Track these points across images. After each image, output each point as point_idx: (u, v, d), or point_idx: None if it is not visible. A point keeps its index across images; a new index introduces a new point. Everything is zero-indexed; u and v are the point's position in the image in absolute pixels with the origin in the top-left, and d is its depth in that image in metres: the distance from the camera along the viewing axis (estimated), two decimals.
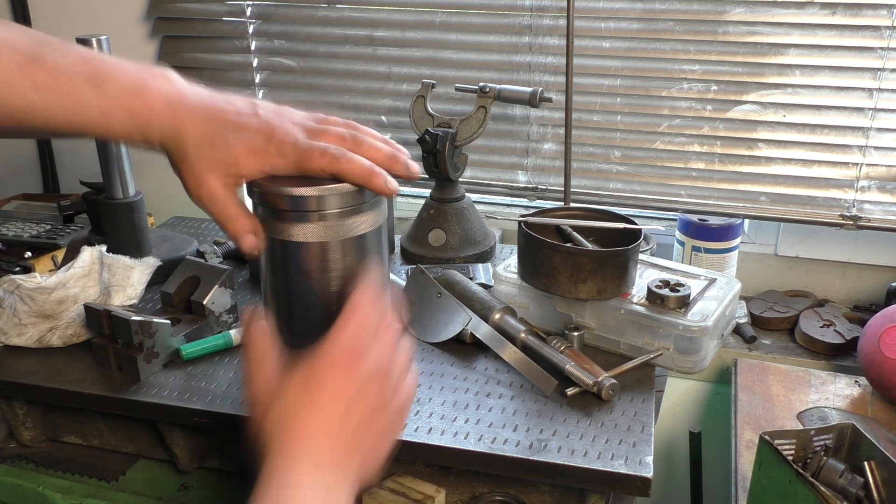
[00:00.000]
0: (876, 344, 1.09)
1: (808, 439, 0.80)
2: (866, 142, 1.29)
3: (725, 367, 1.37)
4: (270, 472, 0.58)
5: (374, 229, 0.72)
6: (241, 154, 0.65)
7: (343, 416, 0.61)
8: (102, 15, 1.60)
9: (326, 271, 0.71)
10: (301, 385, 0.61)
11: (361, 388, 0.62)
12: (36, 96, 0.63)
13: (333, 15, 1.47)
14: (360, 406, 0.62)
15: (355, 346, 0.63)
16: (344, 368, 0.62)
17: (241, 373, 0.91)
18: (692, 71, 1.32)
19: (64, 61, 0.64)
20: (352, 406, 0.61)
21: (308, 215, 0.68)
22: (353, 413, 0.61)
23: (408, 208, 1.62)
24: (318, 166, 0.66)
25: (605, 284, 0.90)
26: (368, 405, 0.63)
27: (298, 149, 0.66)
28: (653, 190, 1.42)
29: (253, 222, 0.67)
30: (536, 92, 1.22)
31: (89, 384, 0.89)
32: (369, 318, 0.65)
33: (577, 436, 0.79)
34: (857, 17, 1.23)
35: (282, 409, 0.60)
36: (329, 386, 0.61)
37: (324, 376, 0.61)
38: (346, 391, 0.61)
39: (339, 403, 0.61)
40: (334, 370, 0.61)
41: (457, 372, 0.91)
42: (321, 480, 0.58)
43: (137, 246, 1.13)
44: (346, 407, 0.61)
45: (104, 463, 0.95)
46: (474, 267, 1.19)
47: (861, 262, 1.41)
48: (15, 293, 0.94)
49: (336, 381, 0.61)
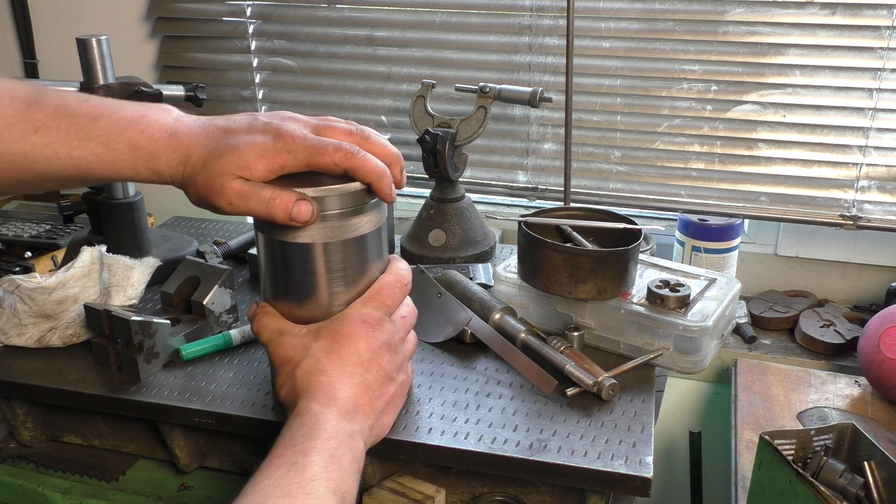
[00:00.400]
0: (876, 344, 1.09)
1: (808, 439, 0.80)
2: (866, 142, 1.29)
3: (725, 367, 1.37)
4: (303, 410, 0.65)
5: (374, 230, 0.73)
6: (251, 156, 0.65)
7: (364, 373, 0.69)
8: (102, 15, 1.60)
9: (327, 272, 0.71)
10: (328, 345, 0.69)
11: (377, 353, 0.70)
12: (36, 137, 0.64)
13: (333, 15, 1.47)
14: (376, 368, 0.70)
15: (374, 317, 0.71)
16: (364, 334, 0.70)
17: (243, 371, 0.91)
18: (692, 71, 1.32)
19: (62, 103, 0.66)
20: (369, 367, 0.69)
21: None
22: (371, 372, 0.69)
23: (408, 208, 1.62)
24: (331, 161, 0.67)
25: (605, 284, 0.90)
26: (381, 370, 0.70)
27: (308, 144, 0.66)
28: (653, 190, 1.42)
29: (293, 192, 0.66)
30: (536, 92, 1.22)
31: (89, 384, 0.89)
32: (390, 298, 0.73)
33: (577, 436, 0.79)
34: (857, 17, 1.23)
35: (313, 364, 0.68)
36: (352, 347, 0.69)
37: (345, 339, 0.69)
38: (364, 353, 0.69)
39: (360, 362, 0.69)
40: (355, 335, 0.69)
41: (457, 372, 0.91)
42: (343, 427, 0.65)
43: (137, 246, 1.13)
44: (365, 368, 0.69)
45: (104, 463, 0.95)
46: (474, 267, 1.19)
47: (861, 262, 1.41)
48: (15, 293, 0.94)
49: (357, 344, 0.69)
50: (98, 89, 1.05)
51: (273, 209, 0.65)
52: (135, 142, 0.66)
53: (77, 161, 0.65)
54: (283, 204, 0.65)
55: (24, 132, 0.64)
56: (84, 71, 1.05)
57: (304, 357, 0.69)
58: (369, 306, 0.71)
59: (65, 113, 0.65)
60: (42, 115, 0.65)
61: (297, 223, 0.66)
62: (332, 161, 0.67)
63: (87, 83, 1.06)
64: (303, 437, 0.62)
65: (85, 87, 1.06)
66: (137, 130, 0.66)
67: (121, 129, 0.66)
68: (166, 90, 1.11)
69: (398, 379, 0.73)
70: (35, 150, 0.64)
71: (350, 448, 0.63)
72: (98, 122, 0.65)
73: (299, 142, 0.66)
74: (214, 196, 0.66)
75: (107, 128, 0.65)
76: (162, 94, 1.08)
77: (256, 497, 0.57)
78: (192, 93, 1.16)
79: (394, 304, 0.73)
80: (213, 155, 0.65)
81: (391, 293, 0.73)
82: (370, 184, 0.69)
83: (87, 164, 0.66)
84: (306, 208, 0.66)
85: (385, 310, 0.72)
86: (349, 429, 0.65)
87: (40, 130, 0.64)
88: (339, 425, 0.64)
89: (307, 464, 0.59)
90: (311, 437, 0.62)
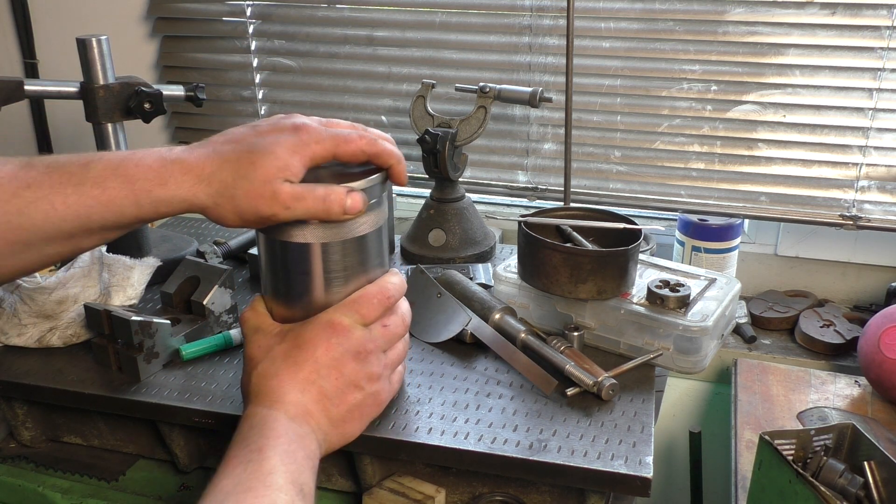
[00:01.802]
0: (876, 344, 1.09)
1: (808, 439, 0.80)
2: (866, 142, 1.29)
3: (725, 367, 1.37)
4: (252, 414, 0.65)
5: (374, 230, 0.73)
6: (285, 154, 0.65)
7: (318, 380, 0.68)
8: (102, 15, 1.60)
9: (327, 272, 0.71)
10: (286, 350, 0.69)
11: (338, 361, 0.69)
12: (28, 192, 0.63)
13: (333, 15, 1.47)
14: (335, 375, 0.69)
15: (341, 323, 0.69)
16: (325, 340, 0.69)
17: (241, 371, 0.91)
18: (692, 71, 1.32)
19: (53, 160, 0.65)
20: (326, 374, 0.68)
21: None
22: (327, 380, 0.68)
23: (408, 208, 1.62)
24: (357, 147, 0.68)
25: (605, 284, 0.90)
26: (342, 378, 0.69)
27: (333, 133, 0.67)
28: (653, 190, 1.42)
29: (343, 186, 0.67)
30: (536, 92, 1.22)
31: (89, 384, 0.89)
32: (365, 308, 0.71)
33: (577, 436, 0.79)
34: (857, 17, 1.23)
35: (269, 366, 0.68)
36: (309, 353, 0.68)
37: (305, 344, 0.69)
38: (323, 359, 0.68)
39: (316, 369, 0.68)
40: (315, 341, 0.69)
41: (457, 372, 0.91)
42: (293, 427, 0.65)
43: (137, 246, 1.13)
44: (320, 374, 0.68)
45: (104, 463, 0.95)
46: (474, 267, 1.19)
47: (861, 262, 1.41)
48: (15, 293, 0.94)
49: (315, 350, 0.68)
50: (98, 89, 1.05)
51: (330, 205, 0.66)
52: (130, 175, 0.64)
53: (75, 209, 0.64)
54: (338, 198, 0.66)
55: (17, 188, 0.63)
56: (84, 71, 1.05)
57: (262, 359, 0.69)
58: (339, 312, 0.70)
59: (56, 166, 0.64)
60: (34, 172, 0.64)
61: (350, 216, 0.67)
62: (359, 147, 0.68)
63: (87, 83, 1.06)
64: (255, 436, 0.62)
65: (85, 87, 1.06)
66: (131, 165, 0.64)
67: (113, 167, 0.64)
68: (166, 90, 1.11)
69: (368, 388, 0.71)
70: (29, 206, 0.63)
71: (302, 446, 0.64)
72: (90, 167, 0.64)
73: (322, 132, 0.66)
74: (266, 204, 0.64)
75: (99, 169, 0.64)
76: (162, 94, 1.08)
77: (218, 497, 0.57)
78: (192, 93, 1.16)
79: (369, 313, 0.71)
80: (244, 164, 0.64)
81: (368, 303, 0.71)
82: (391, 167, 0.70)
83: (86, 210, 0.64)
84: (359, 198, 0.67)
85: (357, 318, 0.70)
86: (299, 430, 0.65)
87: (32, 186, 0.63)
88: (289, 426, 0.64)
89: (263, 459, 0.60)
90: (263, 435, 0.62)
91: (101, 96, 1.05)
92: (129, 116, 1.08)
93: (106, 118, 1.07)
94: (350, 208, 0.66)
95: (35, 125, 1.73)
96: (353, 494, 0.88)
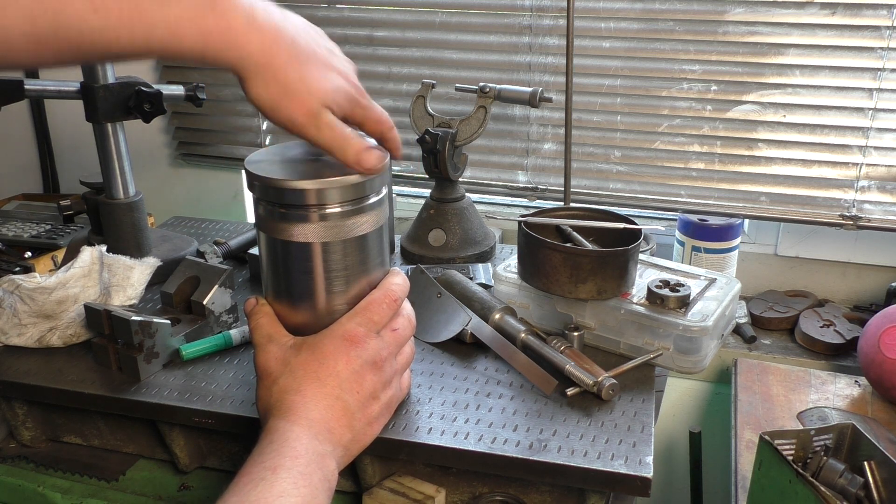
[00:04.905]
0: (876, 344, 1.09)
1: (808, 439, 0.80)
2: (866, 142, 1.29)
3: (725, 367, 1.37)
4: (272, 429, 0.64)
5: (374, 229, 0.73)
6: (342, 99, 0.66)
7: (342, 395, 0.67)
8: None
9: (328, 272, 0.71)
10: (306, 362, 0.68)
11: (358, 374, 0.68)
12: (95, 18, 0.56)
13: (333, 15, 1.47)
14: (356, 389, 0.68)
15: (357, 334, 0.69)
16: (345, 353, 0.68)
17: (243, 371, 0.91)
18: (692, 71, 1.32)
19: None
20: (348, 388, 0.67)
21: (309, 215, 0.68)
22: (350, 394, 0.68)
23: (408, 208, 1.62)
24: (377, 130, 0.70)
25: (605, 284, 0.90)
26: (363, 391, 0.69)
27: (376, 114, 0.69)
28: (653, 190, 1.42)
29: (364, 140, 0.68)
30: (536, 92, 1.22)
31: (89, 384, 0.89)
32: (377, 314, 0.71)
33: (577, 436, 0.79)
34: (857, 17, 1.23)
35: (290, 381, 0.67)
36: (331, 367, 0.67)
37: (326, 359, 0.68)
38: (344, 373, 0.67)
39: (338, 383, 0.67)
40: (336, 354, 0.68)
41: (457, 372, 0.91)
42: (314, 446, 0.63)
43: (137, 246, 1.13)
44: (343, 388, 0.67)
45: (104, 463, 0.95)
46: (474, 267, 1.19)
47: (861, 262, 1.41)
48: (15, 293, 0.94)
49: (337, 364, 0.68)
50: (98, 89, 1.05)
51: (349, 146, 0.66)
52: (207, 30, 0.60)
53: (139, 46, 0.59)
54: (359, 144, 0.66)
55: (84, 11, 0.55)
56: (84, 71, 1.05)
57: (282, 373, 0.68)
58: (354, 322, 0.70)
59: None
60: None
61: (360, 168, 0.67)
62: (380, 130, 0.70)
63: (87, 83, 1.06)
64: (271, 454, 0.61)
65: (85, 86, 1.06)
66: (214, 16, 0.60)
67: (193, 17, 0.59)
68: (166, 90, 1.11)
69: (383, 397, 0.71)
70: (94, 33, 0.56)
71: (320, 466, 0.62)
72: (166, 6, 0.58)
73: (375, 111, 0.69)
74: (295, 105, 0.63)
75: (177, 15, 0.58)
76: (162, 94, 1.08)
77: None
78: (192, 93, 1.16)
79: (381, 319, 0.71)
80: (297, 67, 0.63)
81: (378, 308, 0.71)
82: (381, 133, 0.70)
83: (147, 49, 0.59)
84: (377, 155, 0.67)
85: (371, 326, 0.70)
86: (320, 449, 0.64)
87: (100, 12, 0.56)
88: (310, 444, 0.63)
89: (275, 480, 0.58)
90: (280, 454, 0.61)
91: (101, 96, 1.05)
92: (129, 116, 1.08)
93: (106, 118, 1.07)
94: (365, 160, 0.66)
95: (35, 125, 1.73)
96: (353, 494, 0.88)
